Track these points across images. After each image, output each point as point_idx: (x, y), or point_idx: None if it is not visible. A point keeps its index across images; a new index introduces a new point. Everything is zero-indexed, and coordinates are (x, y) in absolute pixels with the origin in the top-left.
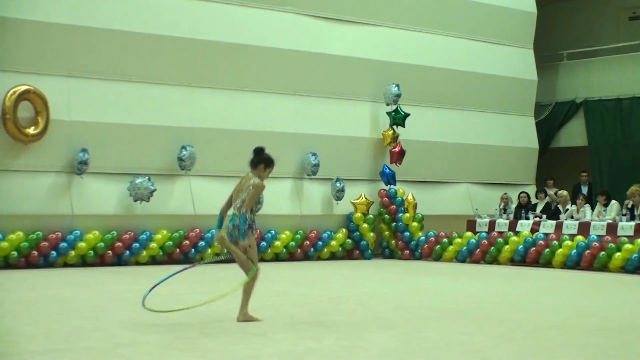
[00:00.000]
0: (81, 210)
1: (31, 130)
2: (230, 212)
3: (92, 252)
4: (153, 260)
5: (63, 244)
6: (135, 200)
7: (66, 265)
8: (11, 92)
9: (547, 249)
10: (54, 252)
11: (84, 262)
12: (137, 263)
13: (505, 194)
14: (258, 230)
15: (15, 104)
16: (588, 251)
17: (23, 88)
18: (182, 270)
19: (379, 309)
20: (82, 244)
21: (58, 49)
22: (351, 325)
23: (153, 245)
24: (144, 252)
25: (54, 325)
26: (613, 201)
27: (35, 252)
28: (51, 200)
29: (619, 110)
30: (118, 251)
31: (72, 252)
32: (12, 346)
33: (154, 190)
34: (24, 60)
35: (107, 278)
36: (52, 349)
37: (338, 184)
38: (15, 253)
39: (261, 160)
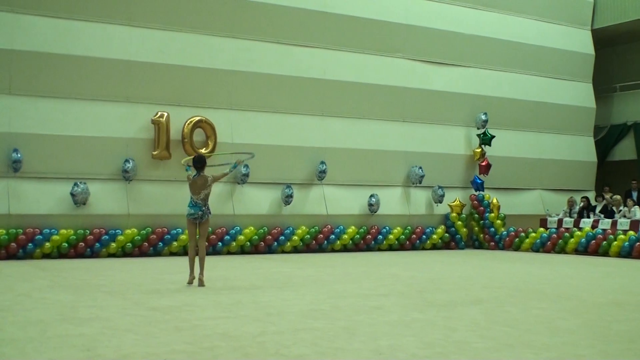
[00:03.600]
0: (240, 211)
1: (203, 150)
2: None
3: (248, 243)
4: (295, 250)
5: (227, 237)
6: (286, 205)
7: (229, 253)
8: (188, 122)
9: (605, 242)
10: (220, 243)
11: (242, 250)
12: (283, 252)
13: (571, 197)
14: (375, 227)
15: (191, 131)
16: (638, 243)
17: (197, 119)
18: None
19: (470, 288)
20: (241, 237)
21: (223, 89)
22: (448, 300)
23: (295, 238)
24: (288, 244)
25: (220, 297)
26: None
27: (206, 243)
28: (218, 203)
29: None
30: (268, 242)
31: (234, 243)
32: (190, 314)
33: (291, 194)
34: (198, 98)
35: (260, 263)
36: (219, 316)
37: (439, 191)
38: None
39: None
